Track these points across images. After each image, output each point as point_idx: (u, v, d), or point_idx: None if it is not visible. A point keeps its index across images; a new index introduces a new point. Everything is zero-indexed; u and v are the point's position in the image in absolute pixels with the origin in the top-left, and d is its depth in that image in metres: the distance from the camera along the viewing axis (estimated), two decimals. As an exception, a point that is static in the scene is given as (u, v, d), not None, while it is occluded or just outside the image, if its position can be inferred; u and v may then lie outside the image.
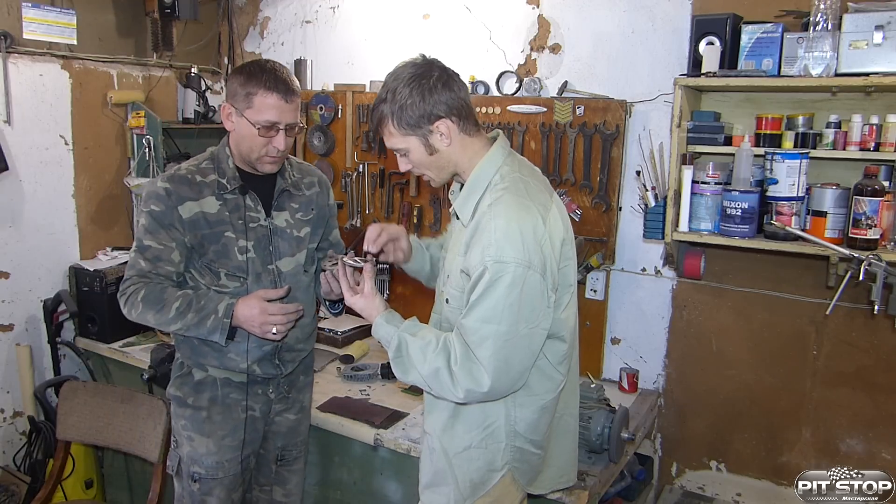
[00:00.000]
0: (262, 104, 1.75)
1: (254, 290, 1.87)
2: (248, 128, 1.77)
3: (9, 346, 2.86)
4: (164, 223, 1.81)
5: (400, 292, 3.03)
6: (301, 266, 1.98)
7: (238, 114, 1.78)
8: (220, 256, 1.86)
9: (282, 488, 2.13)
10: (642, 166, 2.56)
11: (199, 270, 1.88)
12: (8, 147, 2.74)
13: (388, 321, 1.59)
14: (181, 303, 1.79)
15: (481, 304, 1.45)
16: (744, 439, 2.56)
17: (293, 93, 1.78)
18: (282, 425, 2.07)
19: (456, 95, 1.51)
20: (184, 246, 1.84)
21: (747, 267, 2.47)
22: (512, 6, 2.81)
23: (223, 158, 1.87)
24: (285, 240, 1.94)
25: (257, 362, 1.93)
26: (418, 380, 1.54)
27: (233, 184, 1.86)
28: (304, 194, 2.00)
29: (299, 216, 1.97)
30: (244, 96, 1.76)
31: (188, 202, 1.82)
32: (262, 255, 1.90)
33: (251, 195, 1.88)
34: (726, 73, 2.16)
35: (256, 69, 1.78)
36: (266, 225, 1.90)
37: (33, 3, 2.77)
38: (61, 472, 2.46)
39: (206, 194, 1.84)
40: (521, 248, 1.43)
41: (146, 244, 1.83)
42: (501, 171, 1.55)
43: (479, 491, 1.62)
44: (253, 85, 1.75)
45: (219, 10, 3.55)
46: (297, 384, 2.09)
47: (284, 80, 1.77)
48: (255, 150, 1.81)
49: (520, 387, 1.53)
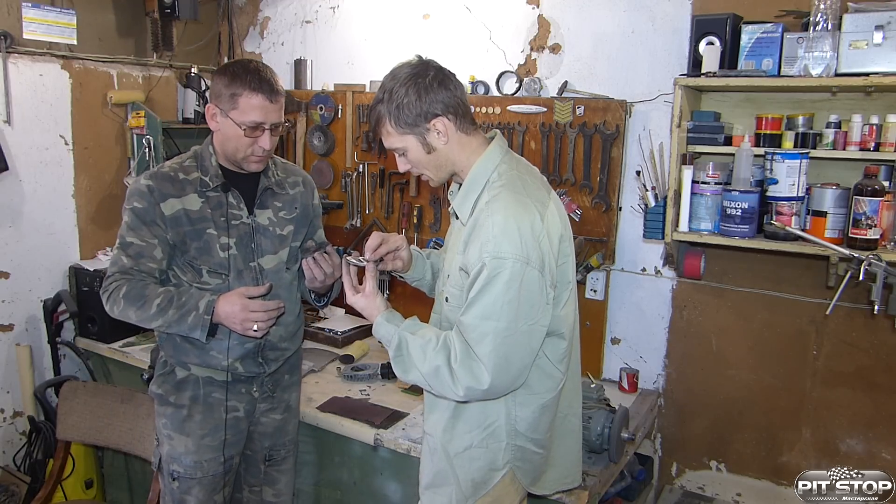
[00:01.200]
0: (247, 105, 1.76)
1: (235, 287, 1.87)
2: (234, 128, 1.79)
3: (9, 346, 2.86)
4: (146, 220, 1.82)
5: (400, 292, 3.03)
6: (283, 263, 1.98)
7: (223, 114, 1.80)
8: (201, 253, 1.87)
9: (271, 488, 2.12)
10: (642, 166, 2.56)
11: (182, 268, 1.89)
12: (8, 147, 2.74)
13: (389, 320, 1.59)
14: (162, 299, 1.80)
15: (480, 300, 1.45)
16: (744, 439, 2.56)
17: (277, 93, 1.80)
18: (268, 425, 2.06)
19: (452, 94, 1.52)
20: (166, 243, 1.85)
21: (747, 267, 2.47)
22: (512, 6, 2.81)
23: (206, 157, 1.89)
24: (268, 237, 1.94)
25: (240, 360, 1.93)
26: (419, 379, 1.54)
27: (215, 181, 1.87)
28: (288, 193, 2.00)
29: (282, 214, 1.98)
30: (229, 97, 1.77)
31: (170, 199, 1.83)
32: (243, 252, 1.90)
33: (233, 192, 1.89)
34: (726, 73, 2.16)
35: (240, 70, 1.78)
36: (248, 222, 1.91)
37: (33, 3, 2.77)
38: (61, 472, 2.46)
39: (188, 191, 1.85)
40: (518, 244, 1.44)
41: (128, 241, 1.84)
42: (499, 169, 1.55)
43: (481, 490, 1.62)
44: (237, 86, 1.76)
45: (219, 10, 3.55)
46: (283, 383, 2.09)
47: (268, 80, 1.78)
48: (240, 150, 1.82)
49: (520, 385, 1.53)
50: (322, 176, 3.27)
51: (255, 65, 1.81)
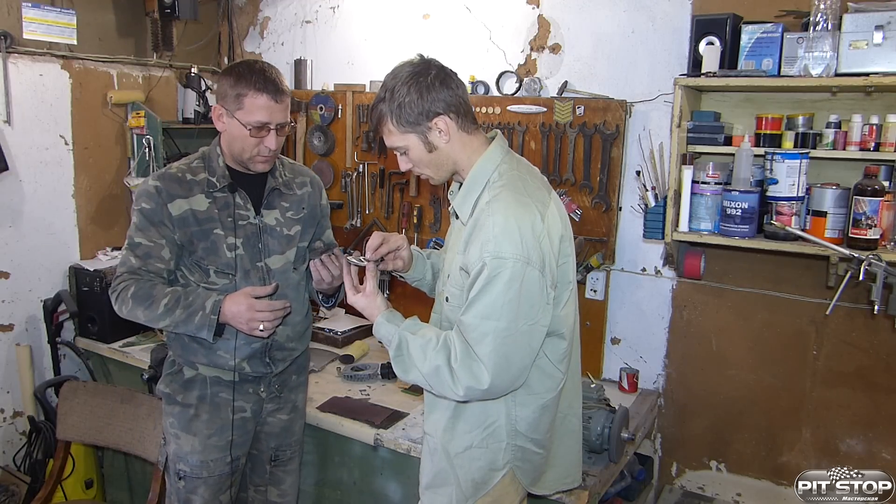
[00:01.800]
0: (253, 105, 1.76)
1: (242, 286, 1.88)
2: (240, 129, 1.79)
3: (9, 346, 2.86)
4: (154, 220, 1.83)
5: (400, 292, 3.03)
6: (291, 264, 1.98)
7: (229, 115, 1.80)
8: (208, 253, 1.87)
9: (276, 488, 2.13)
10: (642, 166, 2.56)
11: (189, 268, 1.90)
12: (8, 147, 2.74)
13: (389, 320, 1.59)
14: (170, 299, 1.80)
15: (480, 300, 1.45)
16: (744, 439, 2.56)
17: (283, 93, 1.80)
18: (275, 426, 2.07)
19: (454, 93, 1.52)
20: (174, 243, 1.86)
21: (747, 267, 2.47)
22: (512, 6, 2.81)
23: (214, 157, 1.90)
24: (275, 237, 1.95)
25: (247, 360, 1.94)
26: (419, 378, 1.54)
27: (222, 182, 1.88)
28: (296, 193, 2.01)
29: (290, 214, 1.98)
30: (234, 97, 1.78)
31: (178, 200, 1.84)
32: (250, 252, 1.91)
33: (240, 193, 1.90)
34: (726, 73, 2.16)
35: (246, 70, 1.79)
36: (255, 223, 1.92)
37: (33, 3, 2.77)
38: (61, 472, 2.46)
39: (195, 192, 1.86)
40: (519, 244, 1.44)
41: (137, 241, 1.85)
42: (500, 169, 1.56)
43: (481, 490, 1.62)
44: (243, 86, 1.76)
45: (219, 10, 3.55)
46: (290, 384, 2.09)
47: (274, 80, 1.78)
48: (246, 150, 1.83)
49: (520, 385, 1.53)
50: (322, 176, 3.25)
51: (261, 65, 1.81)
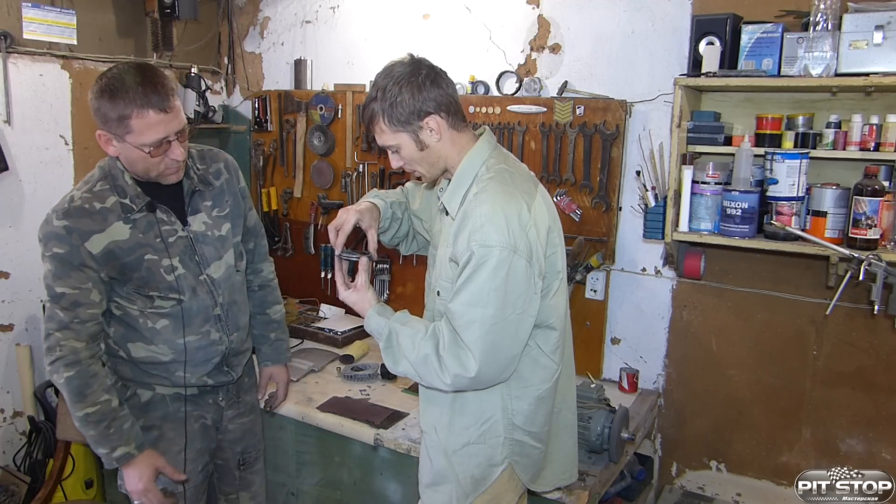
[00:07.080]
0: (142, 125, 1.57)
1: (191, 306, 1.77)
2: (136, 151, 1.61)
3: (9, 346, 2.86)
4: (73, 264, 1.63)
5: (400, 292, 3.04)
6: (232, 267, 1.88)
7: (119, 139, 1.60)
8: (147, 281, 1.72)
9: (248, 492, 2.09)
10: (642, 166, 2.56)
11: (127, 297, 1.73)
12: (8, 147, 2.74)
13: (380, 313, 1.61)
14: (96, 411, 1.66)
15: (467, 287, 1.47)
16: (744, 439, 2.56)
17: (168, 97, 1.59)
18: (237, 431, 2.01)
19: (444, 92, 1.54)
20: (100, 282, 1.68)
21: (747, 267, 2.47)
22: (512, 6, 2.81)
23: (118, 175, 1.69)
24: (208, 244, 1.82)
25: (207, 374, 1.87)
26: (408, 369, 1.55)
27: (138, 203, 1.69)
28: (215, 186, 1.86)
29: (216, 213, 1.85)
30: (118, 121, 1.57)
31: (94, 236, 1.64)
32: (190, 267, 1.78)
33: (161, 208, 1.73)
34: (726, 73, 2.16)
35: (119, 86, 1.56)
36: (185, 235, 1.78)
37: (33, 3, 2.77)
38: (61, 472, 2.47)
39: (111, 221, 1.67)
40: (506, 233, 1.46)
41: (59, 291, 1.64)
42: (487, 164, 1.58)
43: (481, 487, 1.63)
44: (122, 106, 1.55)
45: (219, 10, 3.55)
46: (244, 386, 2.04)
47: (154, 86, 1.57)
48: (152, 169, 1.66)
49: (507, 376, 1.55)
50: (322, 176, 3.27)
51: (133, 73, 1.58)
